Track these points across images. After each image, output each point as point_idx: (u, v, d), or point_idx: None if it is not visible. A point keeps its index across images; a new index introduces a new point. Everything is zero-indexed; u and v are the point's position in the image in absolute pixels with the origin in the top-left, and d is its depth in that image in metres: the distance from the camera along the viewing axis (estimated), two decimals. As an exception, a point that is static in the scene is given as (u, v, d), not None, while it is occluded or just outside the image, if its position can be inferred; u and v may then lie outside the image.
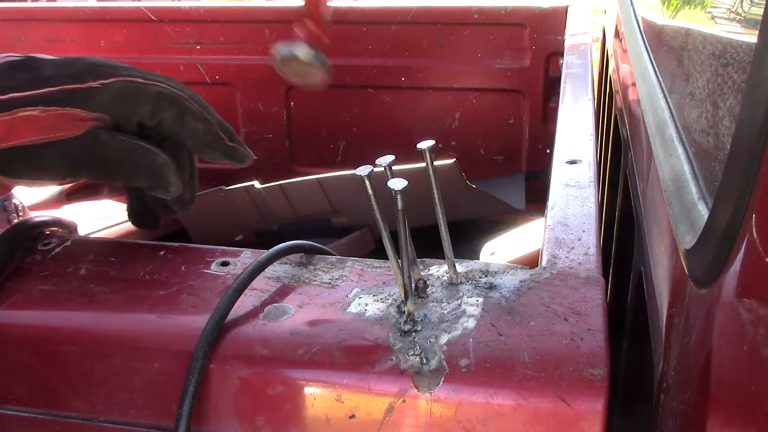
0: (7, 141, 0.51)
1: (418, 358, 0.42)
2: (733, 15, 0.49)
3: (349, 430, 0.43)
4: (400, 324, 0.45)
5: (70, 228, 0.62)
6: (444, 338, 0.43)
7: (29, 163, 0.53)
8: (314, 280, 0.51)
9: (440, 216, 0.48)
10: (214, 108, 0.58)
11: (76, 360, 0.48)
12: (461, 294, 0.48)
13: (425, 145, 0.46)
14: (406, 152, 0.66)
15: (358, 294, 0.49)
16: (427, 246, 0.55)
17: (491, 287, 0.48)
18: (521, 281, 0.49)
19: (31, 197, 1.26)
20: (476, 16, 1.51)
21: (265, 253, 0.51)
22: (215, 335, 0.45)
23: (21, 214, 0.98)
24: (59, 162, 0.53)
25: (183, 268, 0.53)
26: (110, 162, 0.54)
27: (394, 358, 0.43)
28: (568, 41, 1.28)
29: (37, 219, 0.58)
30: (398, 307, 0.47)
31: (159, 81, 0.56)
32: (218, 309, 0.46)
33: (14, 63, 0.54)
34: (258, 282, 0.50)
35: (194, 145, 0.57)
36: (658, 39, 0.76)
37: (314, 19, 0.52)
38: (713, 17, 0.56)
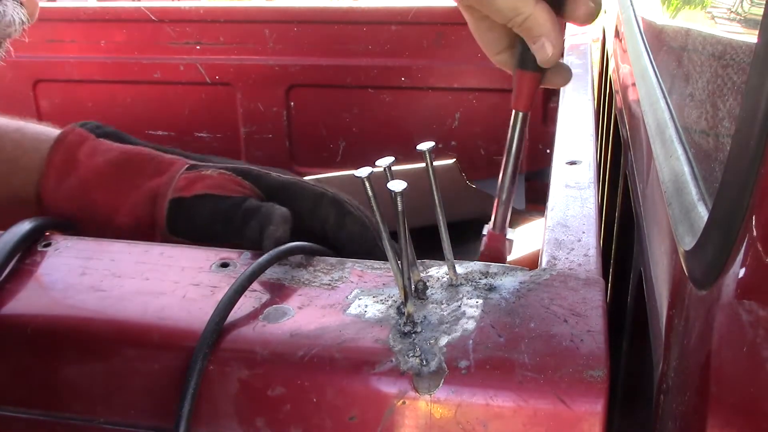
0: (185, 192, 0.60)
1: (417, 360, 0.42)
2: (733, 15, 0.49)
3: (348, 431, 0.43)
4: (399, 325, 0.45)
5: (70, 228, 0.62)
6: (444, 340, 0.43)
7: (184, 215, 0.60)
8: (314, 282, 0.51)
9: (440, 217, 0.48)
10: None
11: (76, 361, 0.48)
12: (461, 295, 0.48)
13: (425, 146, 0.46)
14: (406, 152, 0.66)
15: (357, 295, 0.49)
16: (427, 247, 0.55)
17: (491, 288, 0.48)
18: (521, 282, 0.49)
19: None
20: (476, 16, 1.50)
21: (265, 255, 0.51)
22: (215, 336, 0.45)
23: (21, 214, 0.98)
24: (204, 211, 0.60)
25: (183, 269, 0.53)
26: (239, 219, 0.59)
27: (393, 359, 0.43)
28: (568, 41, 1.28)
29: (37, 219, 0.58)
30: (398, 308, 0.47)
31: (325, 187, 0.63)
32: (218, 310, 0.46)
33: (224, 158, 0.68)
34: (258, 283, 0.50)
35: (352, 252, 0.59)
36: (658, 39, 0.76)
37: (493, 255, 0.57)
38: (713, 17, 0.56)
